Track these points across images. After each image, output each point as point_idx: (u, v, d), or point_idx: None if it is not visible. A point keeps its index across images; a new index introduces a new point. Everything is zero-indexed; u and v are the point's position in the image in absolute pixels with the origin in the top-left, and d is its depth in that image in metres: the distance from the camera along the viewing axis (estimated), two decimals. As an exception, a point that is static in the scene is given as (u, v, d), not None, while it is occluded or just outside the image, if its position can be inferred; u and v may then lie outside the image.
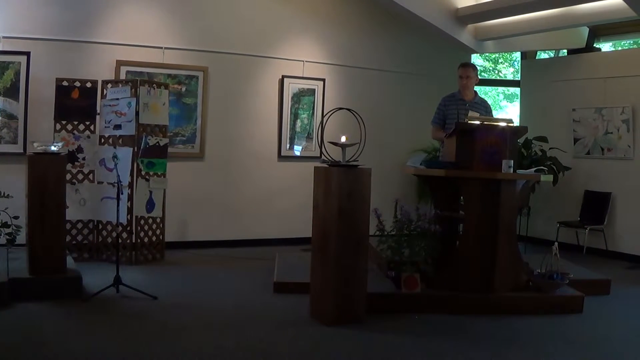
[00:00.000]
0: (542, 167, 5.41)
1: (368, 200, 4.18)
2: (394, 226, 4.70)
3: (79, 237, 5.94)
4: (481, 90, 6.90)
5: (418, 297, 4.54)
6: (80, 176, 5.92)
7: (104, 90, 5.99)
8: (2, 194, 4.64)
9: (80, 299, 4.45)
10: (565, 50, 8.30)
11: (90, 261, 5.82)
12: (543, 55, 9.01)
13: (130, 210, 5.86)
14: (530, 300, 4.64)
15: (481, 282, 4.64)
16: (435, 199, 5.16)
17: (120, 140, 5.90)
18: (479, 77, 5.85)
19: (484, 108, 5.66)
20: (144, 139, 5.87)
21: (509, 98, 12.84)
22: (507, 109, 12.76)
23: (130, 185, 5.84)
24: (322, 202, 4.17)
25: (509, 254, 4.72)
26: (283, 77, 7.29)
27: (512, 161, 4.60)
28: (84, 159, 5.90)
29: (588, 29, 7.86)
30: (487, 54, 10.64)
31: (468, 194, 4.72)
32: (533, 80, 8.46)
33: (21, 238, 4.59)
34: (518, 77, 9.18)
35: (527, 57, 8.75)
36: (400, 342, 3.86)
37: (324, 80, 7.53)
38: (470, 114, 5.29)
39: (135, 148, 5.84)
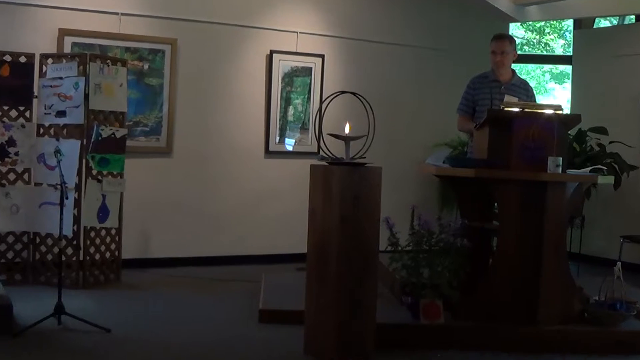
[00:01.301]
0: (600, 166, 5.41)
1: (378, 207, 4.20)
2: (410, 240, 4.73)
3: (10, 255, 5.93)
4: (521, 70, 6.90)
5: (440, 329, 4.56)
6: (11, 176, 5.91)
7: (44, 66, 5.99)
8: None
9: (11, 334, 4.42)
10: (632, 16, 8.31)
11: (25, 285, 5.82)
12: (603, 23, 9.02)
13: (77, 220, 5.87)
14: (586, 336, 4.63)
15: (522, 312, 4.65)
16: (462, 205, 5.18)
17: (64, 131, 5.91)
18: (518, 53, 5.86)
19: (525, 91, 5.67)
20: (95, 129, 5.87)
21: (558, 79, 12.85)
22: (554, 93, 12.78)
23: (78, 188, 5.84)
24: (321, 209, 4.18)
25: (558, 276, 4.72)
26: (272, 52, 7.31)
27: (561, 158, 4.60)
28: (16, 154, 5.88)
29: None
30: (529, 23, 10.66)
31: (504, 200, 4.73)
32: (589, 55, 8.45)
33: None
34: (570, 51, 9.18)
35: (582, 25, 8.76)
36: (418, 387, 3.87)
37: (322, 56, 7.55)
38: (507, 98, 5.33)
39: (84, 141, 5.84)
